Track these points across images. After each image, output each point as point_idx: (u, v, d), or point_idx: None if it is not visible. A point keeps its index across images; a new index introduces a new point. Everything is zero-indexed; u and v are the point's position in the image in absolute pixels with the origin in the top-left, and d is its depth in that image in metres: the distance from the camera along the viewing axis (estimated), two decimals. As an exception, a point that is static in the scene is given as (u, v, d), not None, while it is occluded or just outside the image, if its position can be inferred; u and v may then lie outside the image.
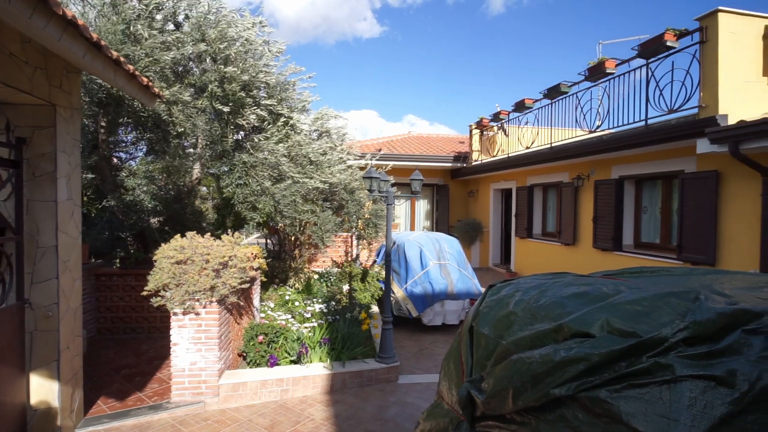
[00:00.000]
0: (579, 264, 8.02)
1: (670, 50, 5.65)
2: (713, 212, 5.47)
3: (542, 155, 8.36)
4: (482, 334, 1.92)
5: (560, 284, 1.90)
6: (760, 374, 1.16)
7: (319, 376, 4.29)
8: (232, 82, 4.67)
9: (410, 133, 15.65)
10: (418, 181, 4.77)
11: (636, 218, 7.20)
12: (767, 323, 1.28)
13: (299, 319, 5.32)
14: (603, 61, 6.71)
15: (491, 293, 2.17)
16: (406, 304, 6.12)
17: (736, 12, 5.13)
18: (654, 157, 6.48)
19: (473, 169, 11.48)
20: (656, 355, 1.25)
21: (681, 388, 1.19)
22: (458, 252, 6.78)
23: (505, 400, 1.60)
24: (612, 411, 1.27)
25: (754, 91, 5.18)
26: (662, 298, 1.42)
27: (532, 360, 1.52)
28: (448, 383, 2.21)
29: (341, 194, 6.19)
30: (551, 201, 9.64)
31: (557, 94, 7.98)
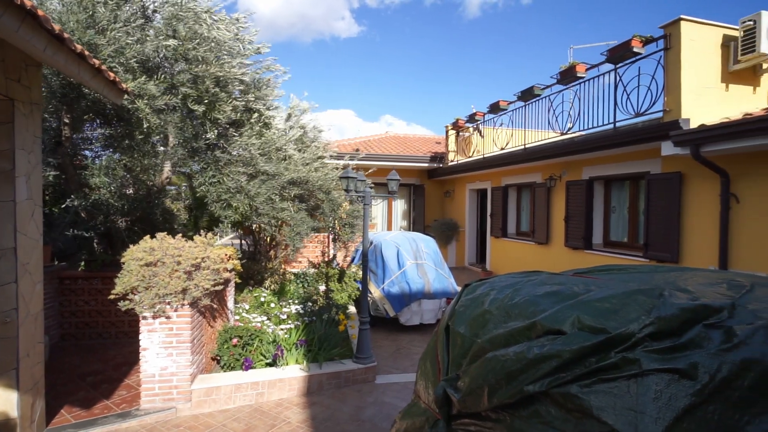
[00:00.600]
0: (552, 262, 8.22)
1: (636, 56, 5.87)
2: (677, 212, 5.71)
3: (516, 156, 8.53)
4: (458, 333, 1.94)
5: (533, 283, 1.94)
6: (719, 367, 1.22)
7: (295, 379, 4.23)
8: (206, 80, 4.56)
9: (387, 133, 15.68)
10: (394, 181, 4.78)
11: (605, 218, 7.45)
12: (725, 318, 1.35)
13: (275, 320, 5.24)
14: (574, 66, 6.91)
15: (467, 292, 2.20)
16: (384, 304, 6.13)
17: (697, 21, 5.37)
18: (622, 159, 6.72)
19: (449, 170, 11.60)
20: (624, 350, 1.29)
21: (647, 382, 1.23)
22: (435, 251, 6.83)
23: (480, 398, 1.62)
24: (583, 406, 1.30)
25: (713, 96, 5.45)
26: (630, 295, 1.47)
27: (507, 358, 1.55)
28: (425, 382, 2.22)
29: (317, 194, 6.13)
30: (525, 201, 9.85)
31: (530, 96, 8.16)
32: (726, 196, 5.10)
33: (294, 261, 8.15)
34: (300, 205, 5.98)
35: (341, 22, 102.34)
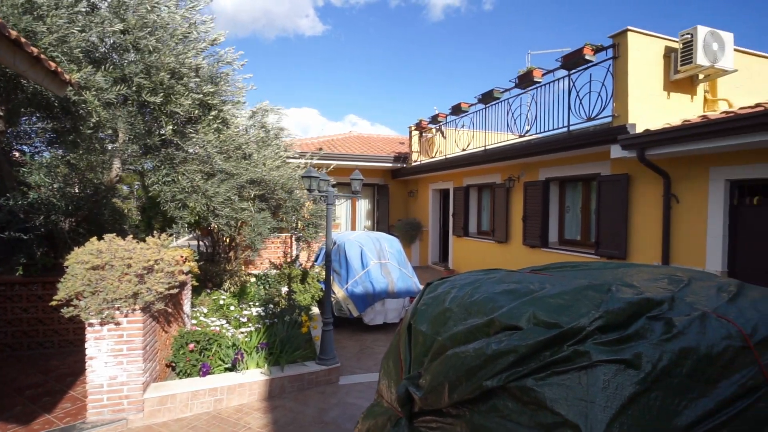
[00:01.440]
0: (511, 260, 8.50)
1: (588, 63, 6.18)
2: (624, 211, 6.06)
3: (477, 157, 8.75)
4: (420, 332, 1.96)
5: (492, 280, 1.99)
6: (660, 356, 1.30)
7: (256, 383, 4.12)
8: (160, 71, 4.33)
9: (351, 132, 15.63)
10: (358, 181, 4.76)
11: (560, 217, 7.79)
12: (666, 310, 1.45)
13: (235, 324, 5.08)
14: (531, 71, 7.17)
15: (428, 291, 2.22)
16: (347, 304, 6.10)
17: (642, 32, 5.73)
18: (576, 161, 7.04)
19: (413, 170, 11.72)
20: (576, 343, 1.35)
21: (596, 373, 1.29)
22: (398, 251, 6.88)
23: (441, 395, 1.64)
24: (538, 398, 1.35)
25: (657, 103, 5.83)
26: (581, 291, 1.54)
27: (467, 354, 1.57)
28: (388, 381, 2.22)
29: (279, 194, 6.00)
30: (485, 201, 10.12)
31: (491, 99, 8.40)
32: (668, 196, 5.47)
33: (255, 262, 7.94)
34: (261, 205, 5.83)
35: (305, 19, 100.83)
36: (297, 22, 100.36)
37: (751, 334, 1.45)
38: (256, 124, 6.19)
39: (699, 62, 5.50)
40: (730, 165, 4.87)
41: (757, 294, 1.75)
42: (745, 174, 4.73)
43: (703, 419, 1.27)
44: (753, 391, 1.35)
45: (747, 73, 6.32)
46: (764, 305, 1.62)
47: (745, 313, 1.54)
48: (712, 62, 5.55)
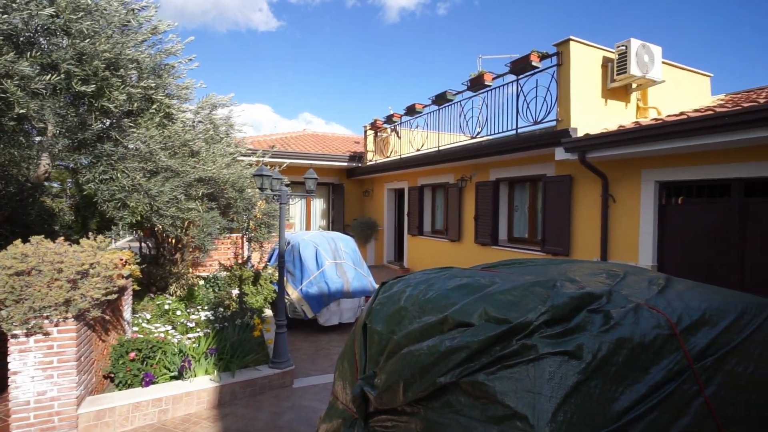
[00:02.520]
0: (463, 258, 8.74)
1: (535, 69, 6.48)
2: (568, 211, 6.43)
3: (431, 157, 8.91)
4: (375, 331, 1.96)
5: (446, 278, 2.02)
6: (599, 346, 1.39)
7: (204, 390, 3.94)
8: (94, 59, 4.00)
9: (305, 130, 15.36)
10: (312, 180, 4.69)
11: (509, 216, 8.12)
12: (604, 303, 1.54)
13: (181, 329, 4.83)
14: (482, 74, 7.41)
15: (383, 290, 2.22)
16: (302, 305, 5.99)
17: (583, 42, 6.10)
18: (523, 162, 7.37)
19: (368, 169, 11.73)
20: (524, 337, 1.41)
21: (543, 365, 1.35)
22: (354, 250, 6.85)
23: (396, 393, 1.65)
24: (489, 392, 1.39)
25: (596, 109, 6.23)
26: (528, 287, 1.61)
27: (421, 352, 1.59)
28: (343, 382, 2.20)
29: (229, 193, 5.77)
30: (439, 200, 10.34)
31: (444, 101, 8.58)
32: (606, 196, 5.86)
33: (203, 264, 7.59)
34: (210, 204, 5.57)
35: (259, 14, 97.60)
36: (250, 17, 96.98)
37: (677, 323, 1.58)
38: (203, 118, 5.90)
39: (632, 72, 5.94)
40: (659, 168, 5.31)
41: (682, 286, 1.91)
42: (672, 176, 5.18)
43: (637, 403, 1.37)
44: (679, 374, 1.47)
45: (673, 83, 6.92)
46: (688, 296, 1.78)
47: (672, 303, 1.68)
48: (643, 73, 6.02)
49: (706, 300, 1.74)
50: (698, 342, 1.56)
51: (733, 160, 4.57)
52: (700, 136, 4.35)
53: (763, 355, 1.65)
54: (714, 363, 1.55)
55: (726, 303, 1.75)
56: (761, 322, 1.72)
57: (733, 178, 4.60)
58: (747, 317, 1.71)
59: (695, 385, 1.48)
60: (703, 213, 4.93)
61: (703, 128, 4.28)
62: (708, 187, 4.93)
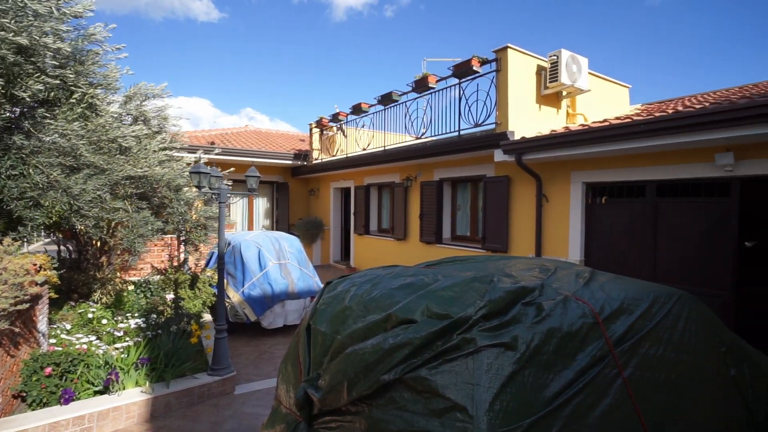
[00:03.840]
0: (409, 256, 8.90)
1: (476, 74, 6.75)
2: (506, 209, 6.77)
3: (377, 157, 8.97)
4: (319, 332, 1.93)
5: (390, 277, 2.04)
6: (533, 337, 1.47)
7: (135, 404, 3.66)
8: (1, 46, 3.56)
9: (248, 126, 14.81)
10: (254, 178, 4.52)
11: (453, 215, 8.38)
12: (537, 296, 1.64)
13: (107, 339, 4.45)
14: (426, 76, 7.58)
15: (328, 290, 2.20)
16: (243, 308, 5.76)
17: (520, 50, 6.44)
18: (465, 163, 7.65)
19: (314, 168, 11.56)
20: (464, 331, 1.46)
21: (481, 357, 1.41)
22: (299, 250, 6.72)
23: (340, 394, 1.64)
24: (431, 386, 1.43)
25: (531, 113, 6.61)
26: (468, 283, 1.67)
27: (365, 351, 1.60)
28: (286, 386, 2.15)
29: (163, 192, 5.40)
30: (385, 200, 10.43)
31: (389, 101, 8.67)
32: (540, 196, 6.25)
33: (134, 268, 7.05)
34: (141, 204, 5.18)
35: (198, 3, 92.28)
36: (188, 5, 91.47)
37: (600, 312, 1.72)
38: (132, 110, 5.47)
39: (563, 81, 6.38)
40: (586, 170, 5.75)
41: (604, 278, 2.09)
42: (597, 178, 5.63)
43: (565, 388, 1.47)
44: (601, 359, 1.60)
45: (598, 92, 7.52)
46: (609, 287, 1.94)
47: (595, 294, 1.83)
48: (572, 82, 6.48)
49: (624, 290, 1.91)
50: (617, 329, 1.71)
51: (647, 164, 5.06)
52: (620, 141, 4.77)
53: (670, 338, 1.85)
54: (631, 347, 1.70)
55: (640, 293, 1.93)
56: (669, 308, 1.92)
57: (647, 180, 5.10)
58: (657, 305, 1.90)
59: (615, 369, 1.62)
60: (623, 211, 5.41)
61: (622, 134, 4.70)
62: (627, 188, 5.43)
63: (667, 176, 4.89)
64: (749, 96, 4.49)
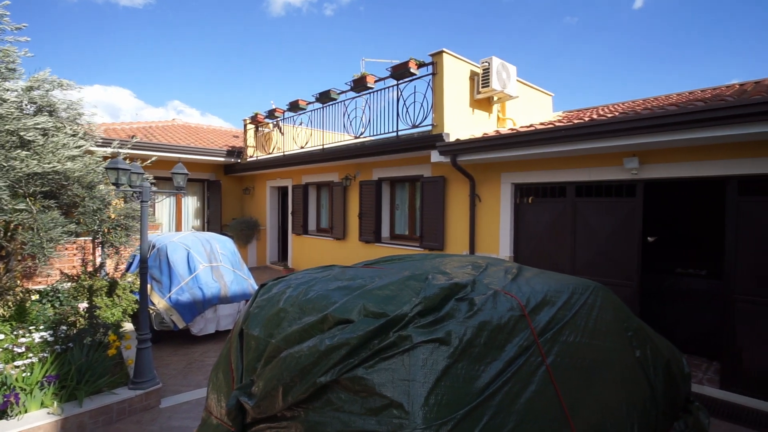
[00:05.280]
0: (348, 255, 8.87)
1: (413, 76, 6.89)
2: (442, 209, 7.00)
3: (315, 155, 8.83)
4: (252, 336, 1.85)
5: (327, 277, 2.01)
6: (465, 331, 1.53)
7: (40, 428, 3.26)
8: None
9: (175, 120, 13.85)
10: (182, 175, 4.24)
11: (391, 214, 8.50)
12: (469, 292, 1.71)
13: (5, 357, 3.92)
14: (365, 76, 7.60)
15: (262, 292, 2.12)
16: (170, 315, 5.38)
17: (454, 55, 6.69)
18: (403, 163, 7.78)
19: (249, 166, 11.10)
20: (400, 329, 1.48)
21: (417, 353, 1.44)
22: (232, 252, 6.41)
23: (275, 400, 1.59)
24: (368, 385, 1.43)
25: (465, 117, 6.90)
26: (404, 281, 1.69)
27: (301, 354, 1.56)
28: (217, 395, 2.04)
29: (75, 189, 4.87)
30: (324, 199, 10.31)
31: (328, 99, 8.57)
32: (473, 196, 6.54)
33: (40, 275, 6.29)
34: (48, 203, 4.62)
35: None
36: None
37: (526, 305, 1.83)
38: (36, 99, 4.86)
39: (494, 87, 6.73)
40: (515, 171, 6.11)
41: (530, 273, 2.23)
42: (524, 179, 6.01)
43: (495, 378, 1.55)
44: (527, 349, 1.71)
45: (525, 99, 8.04)
46: (534, 281, 2.07)
47: (522, 288, 1.94)
48: (502, 88, 6.86)
49: (547, 284, 2.06)
50: (541, 320, 1.83)
51: (568, 167, 5.50)
52: (545, 145, 5.13)
53: (586, 326, 2.02)
54: (553, 336, 1.84)
55: (561, 285, 2.09)
56: (585, 299, 2.10)
57: (567, 181, 5.54)
58: (575, 296, 2.07)
59: (539, 357, 1.73)
60: (547, 210, 5.83)
61: (546, 139, 5.06)
62: (550, 188, 5.86)
63: (584, 178, 5.35)
64: (650, 108, 5.06)
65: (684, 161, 4.50)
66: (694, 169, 4.44)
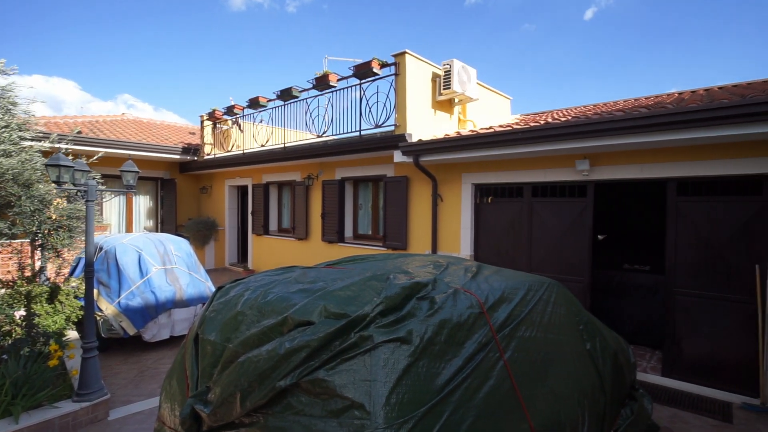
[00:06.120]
0: (311, 256, 8.75)
1: (376, 76, 6.89)
2: (405, 208, 7.05)
3: (276, 154, 8.64)
4: (208, 341, 1.78)
5: (288, 279, 1.97)
6: (426, 329, 1.55)
7: (-31, 448, 2.98)
8: None
9: (125, 115, 13.10)
10: (132, 173, 4.01)
11: (354, 214, 8.46)
12: (430, 290, 1.73)
13: (-73, 372, 3.55)
14: (327, 74, 7.52)
15: (219, 295, 2.05)
16: (120, 321, 5.08)
17: (417, 57, 6.75)
18: (367, 163, 7.77)
19: (206, 164, 10.69)
20: (361, 329, 1.47)
21: (378, 353, 1.44)
22: (188, 254, 6.15)
23: (233, 406, 1.53)
24: (329, 387, 1.41)
25: (428, 118, 6.98)
26: (366, 281, 1.69)
27: (260, 358, 1.51)
28: (171, 404, 1.95)
29: (9, 188, 4.48)
30: (286, 198, 10.11)
31: (289, 96, 8.41)
32: (435, 196, 6.64)
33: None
34: (-23, 202, 4.23)
35: (60, -31, 78.48)
36: (51, -27, 77.33)
37: (485, 302, 1.88)
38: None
39: (455, 89, 6.86)
40: (475, 172, 6.27)
41: (489, 272, 2.29)
42: (484, 179, 6.18)
43: (455, 375, 1.57)
44: (486, 345, 1.75)
45: (485, 101, 8.26)
46: (492, 279, 2.13)
47: (481, 286, 1.99)
48: (463, 90, 7.01)
49: (505, 281, 2.12)
50: (499, 316, 1.88)
51: (525, 168, 5.70)
52: (503, 147, 5.30)
53: (541, 321, 2.10)
54: (510, 332, 1.89)
55: (518, 283, 2.16)
56: (540, 295, 2.18)
57: (524, 182, 5.75)
58: (531, 293, 2.14)
59: (497, 352, 1.78)
60: (505, 210, 6.02)
61: (505, 141, 5.22)
62: (509, 189, 6.05)
63: (540, 179, 5.56)
64: (600, 113, 5.34)
65: (630, 163, 4.79)
66: (638, 171, 4.73)
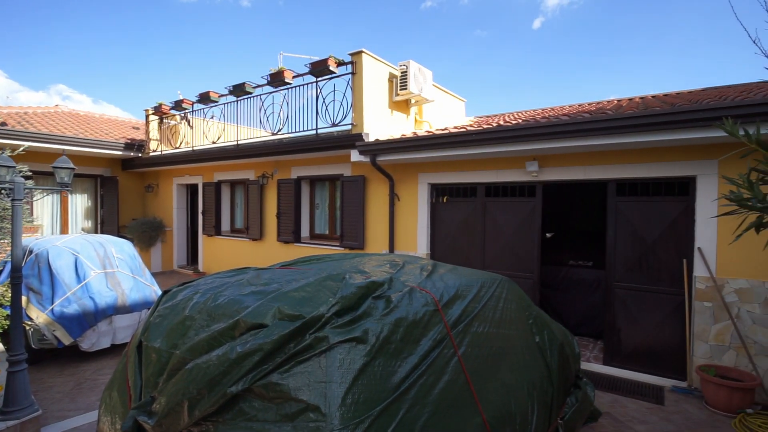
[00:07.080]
0: (266, 257, 8.52)
1: (332, 74, 6.83)
2: (362, 208, 7.04)
3: (229, 152, 8.33)
4: (153, 348, 1.69)
5: (240, 281, 1.91)
6: (382, 328, 1.55)
7: None
8: None
9: (60, 107, 12.09)
10: (66, 170, 3.71)
11: (311, 214, 8.34)
12: (386, 289, 1.74)
13: None
14: (282, 71, 7.35)
15: (166, 299, 1.94)
16: (53, 330, 4.68)
17: (373, 56, 6.76)
18: (323, 162, 7.68)
19: (152, 161, 10.10)
20: (316, 330, 1.45)
21: (334, 354, 1.42)
22: (131, 256, 5.78)
23: (180, 415, 1.46)
24: (283, 391, 1.37)
25: (385, 117, 7.02)
26: (322, 282, 1.67)
27: (209, 364, 1.45)
28: (111, 417, 1.82)
29: None
30: (239, 198, 9.78)
31: (242, 92, 8.13)
32: (392, 195, 6.68)
33: None
34: None
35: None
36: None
37: (440, 300, 1.91)
38: None
39: (411, 90, 6.94)
40: (431, 172, 6.38)
41: (443, 270, 2.33)
42: (440, 179, 6.30)
43: (411, 372, 1.59)
44: (441, 342, 1.78)
45: (441, 103, 8.43)
46: (447, 277, 2.18)
47: (436, 284, 2.03)
48: (419, 91, 7.11)
49: (459, 279, 2.17)
50: (453, 313, 1.93)
51: (478, 169, 5.88)
52: (458, 147, 5.43)
53: (493, 316, 2.17)
54: (464, 328, 1.94)
55: (471, 280, 2.22)
56: (492, 292, 2.26)
57: (478, 182, 5.93)
58: (484, 290, 2.21)
59: (452, 348, 1.82)
60: (460, 209, 6.18)
61: (459, 142, 5.36)
62: (463, 189, 6.21)
63: (492, 179, 5.76)
64: (548, 117, 5.62)
65: (575, 165, 5.07)
66: (583, 173, 5.02)
